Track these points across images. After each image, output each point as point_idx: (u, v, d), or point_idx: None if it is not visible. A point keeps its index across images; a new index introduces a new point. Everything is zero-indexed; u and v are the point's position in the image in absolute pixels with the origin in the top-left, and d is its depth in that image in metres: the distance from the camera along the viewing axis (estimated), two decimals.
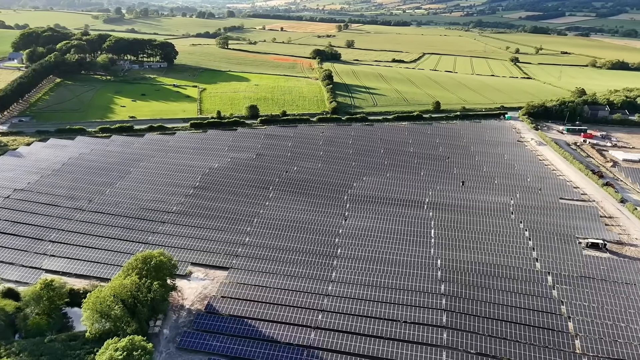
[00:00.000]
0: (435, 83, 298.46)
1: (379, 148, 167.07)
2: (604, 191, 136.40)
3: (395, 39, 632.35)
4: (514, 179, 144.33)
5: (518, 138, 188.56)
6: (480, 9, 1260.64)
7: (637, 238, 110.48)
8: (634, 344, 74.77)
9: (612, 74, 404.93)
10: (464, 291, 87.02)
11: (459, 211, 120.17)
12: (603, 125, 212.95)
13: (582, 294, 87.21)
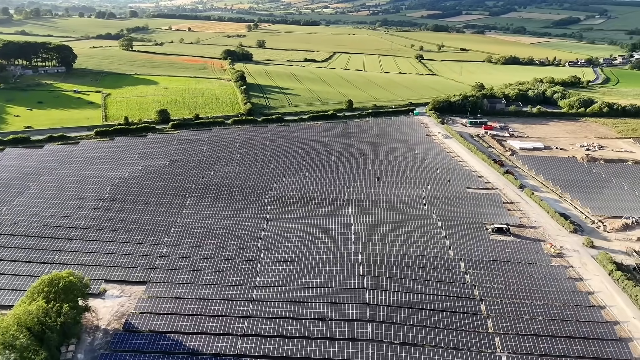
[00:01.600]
0: (347, 82, 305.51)
1: (297, 148, 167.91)
2: (505, 179, 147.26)
3: (306, 38, 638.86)
4: (425, 171, 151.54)
5: (426, 132, 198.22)
6: (385, 8, 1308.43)
7: (536, 220, 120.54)
8: (539, 319, 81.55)
9: (506, 68, 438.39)
10: (385, 284, 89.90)
11: (377, 206, 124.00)
12: (501, 117, 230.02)
13: (491, 277, 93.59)
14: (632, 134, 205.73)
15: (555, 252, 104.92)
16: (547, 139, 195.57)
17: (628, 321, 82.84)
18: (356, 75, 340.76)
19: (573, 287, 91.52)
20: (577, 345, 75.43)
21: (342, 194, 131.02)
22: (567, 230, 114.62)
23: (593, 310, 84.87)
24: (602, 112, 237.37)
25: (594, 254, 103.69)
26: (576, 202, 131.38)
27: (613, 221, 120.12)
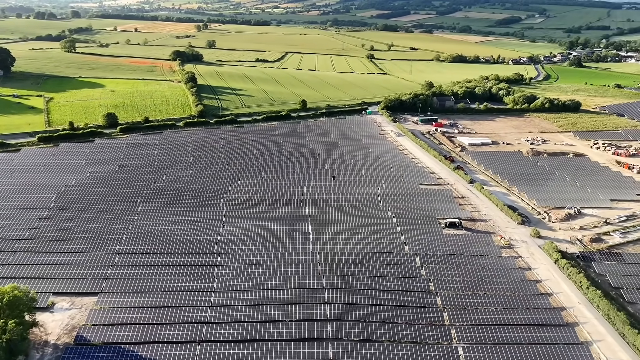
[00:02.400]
0: (300, 82, 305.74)
1: (252, 150, 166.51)
2: (455, 174, 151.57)
3: (257, 39, 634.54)
4: (379, 169, 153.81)
5: (379, 131, 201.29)
6: (335, 8, 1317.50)
7: (486, 214, 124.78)
8: (491, 309, 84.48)
9: (454, 66, 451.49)
10: (343, 282, 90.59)
11: (333, 205, 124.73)
12: (450, 114, 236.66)
13: (446, 270, 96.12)
14: (572, 127, 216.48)
15: (505, 243, 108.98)
16: (494, 134, 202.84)
17: (574, 306, 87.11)
18: (309, 75, 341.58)
19: (522, 277, 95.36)
20: (528, 332, 78.71)
21: (298, 194, 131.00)
22: (515, 222, 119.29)
23: (541, 297, 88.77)
24: (544, 107, 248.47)
25: (540, 244, 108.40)
26: (523, 195, 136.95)
27: (557, 212, 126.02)
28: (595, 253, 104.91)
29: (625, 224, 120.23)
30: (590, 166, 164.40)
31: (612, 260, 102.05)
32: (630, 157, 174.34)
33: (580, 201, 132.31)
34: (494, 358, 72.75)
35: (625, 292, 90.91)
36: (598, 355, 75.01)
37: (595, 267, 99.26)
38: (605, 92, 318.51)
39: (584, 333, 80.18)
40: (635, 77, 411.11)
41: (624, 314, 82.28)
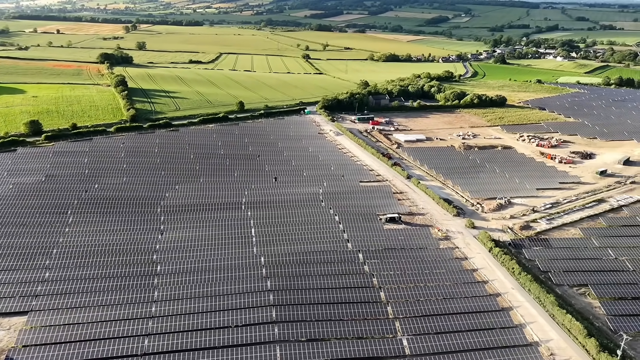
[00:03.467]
0: (236, 83, 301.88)
1: (188, 153, 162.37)
2: (393, 170, 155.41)
3: (190, 39, 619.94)
4: (320, 169, 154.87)
5: (319, 131, 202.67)
6: (268, 8, 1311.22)
7: (424, 207, 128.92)
8: (432, 300, 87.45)
9: (387, 65, 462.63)
10: (288, 283, 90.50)
11: (275, 206, 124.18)
12: (386, 112, 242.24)
13: (388, 265, 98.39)
14: (499, 122, 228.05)
15: (442, 235, 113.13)
16: (428, 130, 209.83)
17: (507, 292, 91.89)
18: (245, 76, 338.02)
19: (460, 267, 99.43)
20: (467, 320, 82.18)
21: (239, 197, 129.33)
22: (451, 214, 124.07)
23: (478, 285, 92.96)
24: (473, 103, 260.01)
25: (475, 234, 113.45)
26: (457, 188, 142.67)
27: (489, 202, 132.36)
28: (525, 240, 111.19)
29: (550, 211, 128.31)
30: (517, 158, 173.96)
31: (540, 246, 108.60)
32: (552, 148, 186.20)
33: (509, 191, 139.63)
34: (436, 347, 75.38)
35: (553, 275, 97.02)
36: (531, 336, 79.60)
37: (526, 253, 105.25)
38: (528, 87, 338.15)
39: (518, 316, 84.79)
40: (554, 73, 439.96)
41: (552, 296, 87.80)
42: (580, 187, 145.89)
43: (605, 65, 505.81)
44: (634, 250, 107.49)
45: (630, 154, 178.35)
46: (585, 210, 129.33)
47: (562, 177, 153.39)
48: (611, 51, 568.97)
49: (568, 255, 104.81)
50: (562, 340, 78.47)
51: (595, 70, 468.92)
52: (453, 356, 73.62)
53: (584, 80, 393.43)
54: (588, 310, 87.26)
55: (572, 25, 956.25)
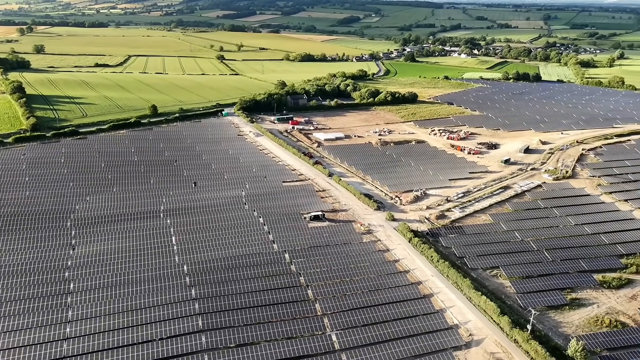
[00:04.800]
0: (148, 86, 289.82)
1: (99, 162, 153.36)
2: (315, 169, 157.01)
3: (94, 41, 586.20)
4: (241, 171, 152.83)
5: (238, 132, 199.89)
6: (179, 8, 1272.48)
7: (346, 204, 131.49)
8: (358, 293, 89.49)
9: (303, 65, 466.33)
10: (214, 290, 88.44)
11: (197, 212, 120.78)
12: (305, 111, 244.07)
13: (314, 262, 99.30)
14: (412, 117, 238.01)
15: (365, 229, 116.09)
16: (346, 128, 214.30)
17: (428, 279, 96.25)
18: (157, 79, 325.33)
19: (383, 258, 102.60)
20: (392, 309, 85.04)
21: (157, 205, 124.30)
22: (372, 209, 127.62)
23: (400, 275, 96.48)
24: (387, 100, 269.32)
25: (395, 226, 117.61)
26: (376, 183, 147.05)
27: (406, 195, 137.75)
28: (441, 229, 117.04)
29: (462, 199, 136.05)
30: (430, 151, 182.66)
31: (455, 234, 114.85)
32: (461, 141, 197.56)
33: (425, 183, 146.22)
34: (364, 339, 77.28)
35: (468, 260, 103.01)
36: (451, 320, 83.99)
37: (442, 241, 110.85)
38: (437, 83, 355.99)
39: (439, 302, 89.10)
40: (459, 69, 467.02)
41: (468, 279, 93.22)
42: (487, 176, 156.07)
43: (504, 61, 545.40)
44: (537, 231, 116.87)
45: (530, 142, 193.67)
46: (493, 197, 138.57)
47: (472, 167, 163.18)
48: (508, 48, 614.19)
49: (480, 240, 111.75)
50: (479, 321, 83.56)
51: (496, 66, 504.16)
52: (380, 346, 75.83)
53: (486, 75, 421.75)
54: (500, 290, 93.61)
55: (473, 24, 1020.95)
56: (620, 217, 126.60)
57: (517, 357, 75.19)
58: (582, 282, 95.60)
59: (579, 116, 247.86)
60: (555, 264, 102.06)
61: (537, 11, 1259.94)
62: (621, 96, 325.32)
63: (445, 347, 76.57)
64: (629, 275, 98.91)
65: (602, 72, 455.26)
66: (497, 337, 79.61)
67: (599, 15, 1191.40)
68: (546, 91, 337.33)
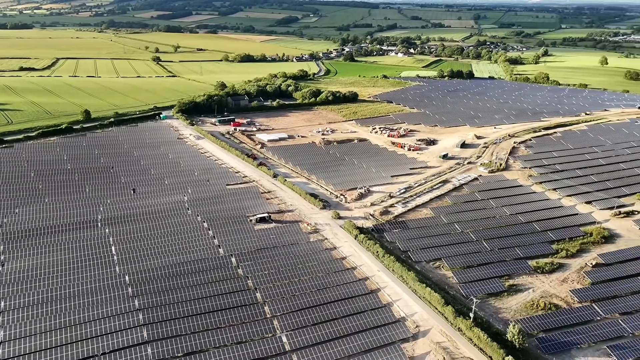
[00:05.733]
0: (79, 90, 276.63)
1: (28, 172, 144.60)
2: (259, 170, 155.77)
3: (18, 44, 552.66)
4: (183, 175, 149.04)
5: (177, 136, 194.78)
6: (109, 9, 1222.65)
7: (292, 204, 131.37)
8: (307, 293, 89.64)
9: (243, 66, 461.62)
10: (159, 299, 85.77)
11: (137, 220, 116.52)
12: (246, 113, 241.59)
13: (262, 265, 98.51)
14: (353, 116, 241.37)
15: (311, 229, 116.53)
16: (289, 129, 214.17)
17: (374, 274, 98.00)
18: (89, 83, 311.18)
19: (330, 257, 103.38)
20: (341, 307, 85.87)
21: (94, 214, 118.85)
22: (318, 208, 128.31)
23: (348, 272, 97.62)
24: (329, 100, 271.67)
25: (341, 224, 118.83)
26: (321, 182, 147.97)
27: (351, 193, 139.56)
28: (385, 224, 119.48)
29: (404, 195, 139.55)
30: (372, 149, 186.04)
31: (399, 228, 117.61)
32: (401, 138, 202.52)
33: (368, 180, 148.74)
34: (314, 338, 77.56)
35: (412, 254, 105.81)
36: (398, 313, 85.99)
37: (387, 237, 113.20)
38: (376, 82, 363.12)
39: (386, 296, 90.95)
40: (397, 68, 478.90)
41: (413, 272, 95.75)
42: (427, 171, 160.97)
43: (438, 60, 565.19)
44: (475, 222, 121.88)
45: (465, 137, 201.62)
46: (433, 191, 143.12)
47: (412, 163, 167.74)
48: (442, 47, 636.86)
49: (422, 233, 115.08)
50: (424, 312, 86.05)
51: (431, 65, 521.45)
52: (330, 344, 76.39)
53: (422, 73, 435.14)
54: (443, 281, 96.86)
55: (408, 24, 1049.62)
56: (550, 205, 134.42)
57: (462, 345, 78.12)
58: (518, 269, 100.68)
59: (509, 111, 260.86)
60: (493, 253, 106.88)
61: (468, 11, 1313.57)
62: (547, 91, 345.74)
63: (394, 340, 78.29)
64: (560, 260, 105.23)
65: (529, 68, 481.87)
66: (442, 326, 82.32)
67: (524, 15, 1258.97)
68: (479, 88, 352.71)
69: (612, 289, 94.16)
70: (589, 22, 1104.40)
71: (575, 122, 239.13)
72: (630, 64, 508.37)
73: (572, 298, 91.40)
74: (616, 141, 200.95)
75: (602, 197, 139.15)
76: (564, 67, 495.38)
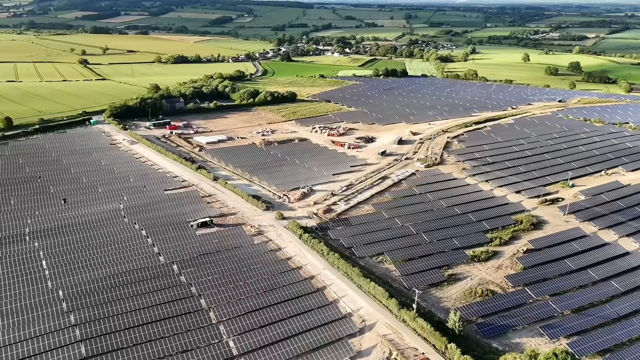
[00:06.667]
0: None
1: None
2: (199, 174, 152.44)
3: None
4: (117, 182, 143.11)
5: (110, 141, 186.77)
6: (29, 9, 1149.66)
7: (234, 207, 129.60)
8: (253, 295, 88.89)
9: (177, 67, 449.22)
10: (97, 312, 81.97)
11: (70, 231, 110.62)
12: (182, 115, 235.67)
13: (205, 270, 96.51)
14: (293, 116, 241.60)
15: (255, 231, 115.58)
16: (228, 130, 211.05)
17: (320, 273, 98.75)
18: (9, 88, 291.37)
19: (275, 258, 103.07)
20: (288, 307, 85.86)
21: (21, 227, 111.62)
22: (261, 210, 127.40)
23: (294, 272, 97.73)
24: (267, 100, 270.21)
25: (285, 224, 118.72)
26: (263, 183, 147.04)
27: (294, 193, 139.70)
28: (329, 222, 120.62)
29: (346, 192, 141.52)
30: (313, 148, 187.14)
31: (342, 225, 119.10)
32: (341, 136, 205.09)
33: (310, 180, 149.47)
34: (261, 341, 77.08)
35: (356, 250, 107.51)
36: (345, 309, 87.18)
37: (331, 234, 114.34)
38: (314, 82, 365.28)
39: (332, 293, 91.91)
40: (334, 67, 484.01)
41: (357, 268, 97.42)
42: (367, 168, 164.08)
43: (373, 59, 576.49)
44: (415, 216, 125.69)
45: (402, 134, 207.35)
46: (374, 187, 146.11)
47: (352, 161, 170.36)
48: (377, 46, 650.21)
49: (365, 229, 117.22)
50: (370, 306, 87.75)
51: (367, 64, 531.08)
52: (278, 345, 76.23)
53: (359, 72, 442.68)
54: (387, 275, 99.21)
55: (343, 24, 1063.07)
56: (483, 196, 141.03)
57: (406, 335, 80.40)
58: (456, 259, 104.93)
59: (442, 107, 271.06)
60: (432, 244, 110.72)
61: (400, 10, 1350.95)
62: (476, 87, 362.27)
63: (341, 336, 79.30)
64: (494, 248, 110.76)
65: (458, 66, 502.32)
66: (387, 319, 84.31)
67: (452, 14, 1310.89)
68: (413, 85, 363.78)
69: (542, 272, 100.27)
70: (512, 21, 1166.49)
71: (503, 116, 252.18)
72: (550, 60, 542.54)
73: (506, 283, 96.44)
74: (540, 133, 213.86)
75: (529, 187, 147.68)
76: (490, 64, 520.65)
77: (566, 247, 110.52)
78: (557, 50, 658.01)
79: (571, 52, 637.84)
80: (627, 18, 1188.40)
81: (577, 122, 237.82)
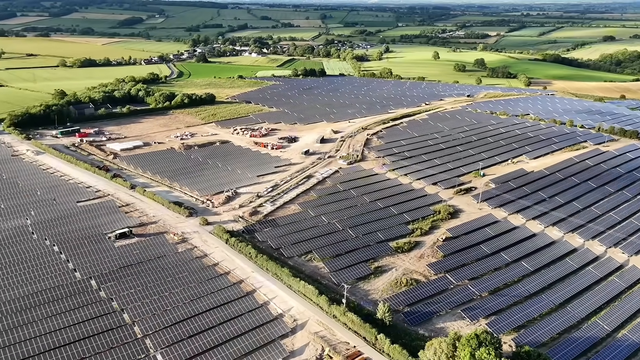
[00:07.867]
0: None
1: None
2: (114, 183, 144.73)
3: None
4: (23, 197, 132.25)
5: (12, 152, 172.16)
6: None
7: (155, 215, 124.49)
8: (180, 305, 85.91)
9: (84, 71, 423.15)
10: (7, 338, 75.37)
11: None
12: (93, 121, 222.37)
13: (127, 284, 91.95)
14: (213, 118, 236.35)
15: (179, 239, 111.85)
16: (144, 135, 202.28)
17: (249, 276, 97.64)
18: None
19: (201, 265, 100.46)
20: (217, 314, 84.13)
21: None
22: (184, 216, 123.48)
23: (221, 278, 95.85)
24: (185, 103, 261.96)
25: (210, 230, 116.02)
26: (185, 189, 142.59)
27: (218, 197, 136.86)
28: (256, 224, 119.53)
29: (272, 193, 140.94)
30: (236, 150, 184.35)
31: (269, 227, 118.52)
32: (263, 137, 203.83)
33: (234, 183, 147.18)
34: (190, 351, 74.95)
35: (284, 250, 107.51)
36: (276, 310, 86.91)
37: (258, 237, 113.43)
38: (233, 83, 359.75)
39: (262, 296, 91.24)
40: (252, 68, 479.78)
41: (286, 268, 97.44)
42: (292, 168, 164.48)
43: (291, 59, 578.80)
44: (340, 212, 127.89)
45: (324, 133, 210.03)
46: (299, 187, 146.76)
47: (276, 162, 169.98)
48: (294, 46, 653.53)
49: (293, 229, 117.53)
50: (301, 305, 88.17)
51: (285, 64, 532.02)
52: (209, 354, 74.51)
53: (278, 73, 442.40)
54: (316, 273, 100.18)
55: (259, 24, 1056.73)
56: (403, 190, 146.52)
57: (337, 331, 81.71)
58: (381, 252, 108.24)
59: (361, 105, 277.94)
60: (358, 239, 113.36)
61: (315, 11, 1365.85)
62: (391, 85, 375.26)
63: (273, 337, 79.01)
64: (416, 238, 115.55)
65: (374, 64, 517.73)
66: (318, 316, 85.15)
67: (365, 14, 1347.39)
68: (332, 85, 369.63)
69: (460, 258, 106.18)
70: (421, 20, 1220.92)
71: (417, 112, 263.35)
72: (458, 57, 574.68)
73: (429, 272, 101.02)
74: (452, 127, 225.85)
75: (445, 178, 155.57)
76: (404, 62, 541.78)
77: (481, 233, 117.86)
78: (463, 48, 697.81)
79: (476, 49, 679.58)
80: (523, 17, 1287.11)
81: (484, 115, 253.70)
